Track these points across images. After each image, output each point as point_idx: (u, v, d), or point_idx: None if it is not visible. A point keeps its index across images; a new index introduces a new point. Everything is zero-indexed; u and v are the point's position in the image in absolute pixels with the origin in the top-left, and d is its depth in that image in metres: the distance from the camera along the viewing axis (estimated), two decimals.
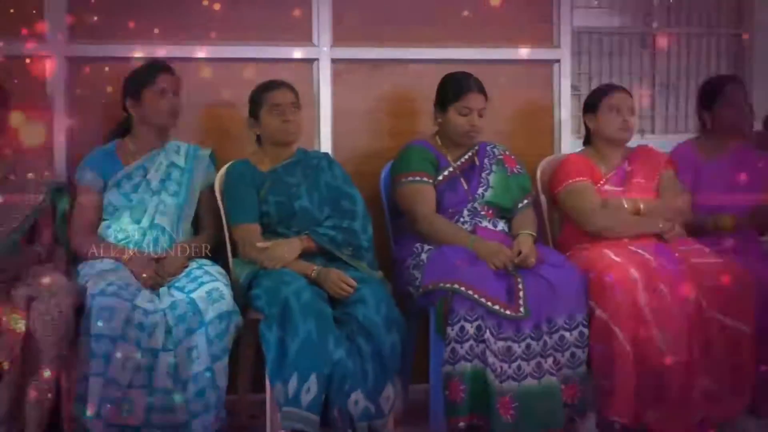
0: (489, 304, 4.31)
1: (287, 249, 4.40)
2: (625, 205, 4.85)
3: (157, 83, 4.53)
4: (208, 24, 4.96)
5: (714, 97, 5.09)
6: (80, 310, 4.07)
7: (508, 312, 4.32)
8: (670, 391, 4.43)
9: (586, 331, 4.46)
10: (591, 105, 5.03)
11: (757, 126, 6.11)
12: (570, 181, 4.90)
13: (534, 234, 4.74)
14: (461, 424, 4.31)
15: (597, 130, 5.01)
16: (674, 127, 8.47)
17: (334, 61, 5.11)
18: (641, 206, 4.85)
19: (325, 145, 5.08)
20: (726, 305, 4.54)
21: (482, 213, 4.76)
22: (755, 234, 5.03)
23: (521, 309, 4.34)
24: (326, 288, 4.30)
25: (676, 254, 4.65)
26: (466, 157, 4.87)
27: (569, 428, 4.40)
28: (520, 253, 4.51)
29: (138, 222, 4.47)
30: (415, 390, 4.88)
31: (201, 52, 4.94)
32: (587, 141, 5.13)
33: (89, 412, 3.97)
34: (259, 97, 4.64)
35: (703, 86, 5.25)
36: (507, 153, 4.96)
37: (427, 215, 4.66)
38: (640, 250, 4.66)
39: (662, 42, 8.37)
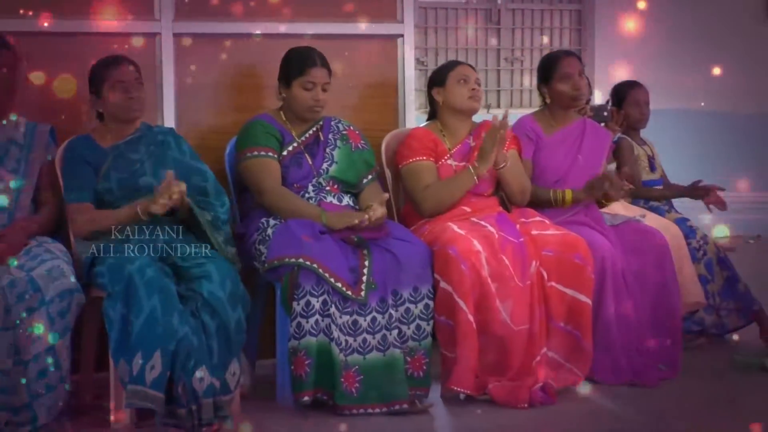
0: (332, 281, 4.34)
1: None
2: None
3: None
4: None
5: (550, 71, 5.19)
6: None
7: (349, 293, 4.37)
8: (512, 361, 4.52)
9: (431, 303, 4.52)
10: (438, 79, 5.09)
11: (602, 100, 6.24)
12: (411, 160, 4.95)
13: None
14: (306, 398, 4.33)
15: (446, 102, 5.05)
16: (519, 101, 8.64)
17: (176, 35, 5.03)
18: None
19: (169, 121, 5.00)
20: (566, 276, 4.65)
21: (327, 188, 4.77)
22: (594, 206, 5.13)
23: (362, 293, 4.40)
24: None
25: (518, 226, 4.74)
26: (311, 132, 4.87)
27: (414, 400, 4.44)
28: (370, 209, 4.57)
29: None
30: (263, 365, 4.88)
31: (41, 26, 4.82)
32: (432, 116, 5.17)
33: None
34: (100, 73, 4.54)
35: (541, 61, 5.35)
36: (351, 128, 4.98)
37: (274, 188, 4.65)
38: (482, 222, 4.74)
39: (507, 18, 8.51)
